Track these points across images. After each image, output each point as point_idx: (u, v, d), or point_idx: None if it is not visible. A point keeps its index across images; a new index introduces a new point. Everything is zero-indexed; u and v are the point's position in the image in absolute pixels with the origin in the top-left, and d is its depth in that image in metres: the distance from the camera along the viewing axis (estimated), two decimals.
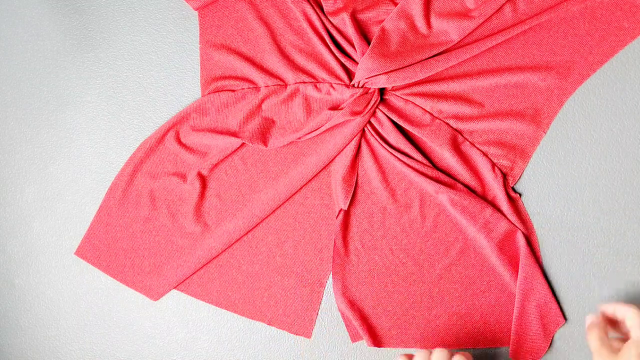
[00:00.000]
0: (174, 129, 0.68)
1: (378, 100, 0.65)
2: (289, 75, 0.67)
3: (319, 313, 0.66)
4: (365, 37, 0.67)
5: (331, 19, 0.66)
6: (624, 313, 0.54)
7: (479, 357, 0.64)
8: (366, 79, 0.64)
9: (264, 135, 0.67)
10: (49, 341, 0.70)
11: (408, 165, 0.64)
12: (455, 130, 0.65)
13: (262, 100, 0.67)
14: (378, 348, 0.65)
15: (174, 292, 0.68)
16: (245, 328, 0.68)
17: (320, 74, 0.67)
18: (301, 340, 0.67)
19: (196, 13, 0.70)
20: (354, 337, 0.65)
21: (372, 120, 0.65)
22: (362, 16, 0.67)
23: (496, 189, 0.63)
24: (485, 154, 0.64)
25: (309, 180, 0.66)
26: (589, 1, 0.64)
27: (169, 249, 0.67)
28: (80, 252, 0.69)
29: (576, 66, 0.64)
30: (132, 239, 0.68)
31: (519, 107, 0.64)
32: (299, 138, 0.66)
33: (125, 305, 0.69)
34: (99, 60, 0.71)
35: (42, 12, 0.72)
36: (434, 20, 0.65)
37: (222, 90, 0.68)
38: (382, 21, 0.66)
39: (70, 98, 0.71)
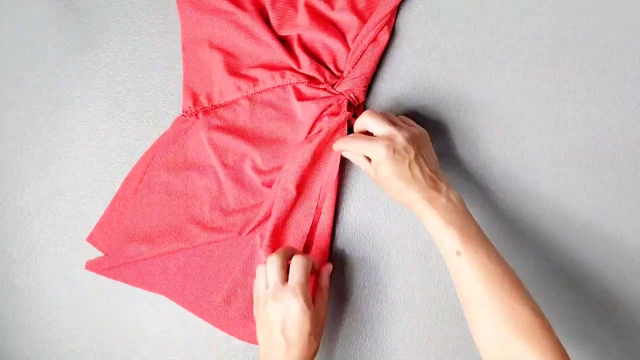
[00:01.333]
0: (194, 125, 0.68)
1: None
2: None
3: None
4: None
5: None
6: (373, 127, 0.58)
7: None
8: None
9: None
10: (49, 341, 0.70)
11: None
12: None
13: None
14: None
15: None
16: None
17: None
18: None
19: None
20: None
21: None
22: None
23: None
24: None
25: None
26: None
27: (179, 239, 0.67)
28: (92, 239, 0.69)
29: None
30: (146, 229, 0.68)
31: None
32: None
33: (125, 305, 0.69)
34: (99, 60, 0.71)
35: (42, 12, 0.72)
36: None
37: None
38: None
39: (70, 98, 0.71)
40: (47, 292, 0.70)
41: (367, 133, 0.61)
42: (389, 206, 0.66)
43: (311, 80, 0.66)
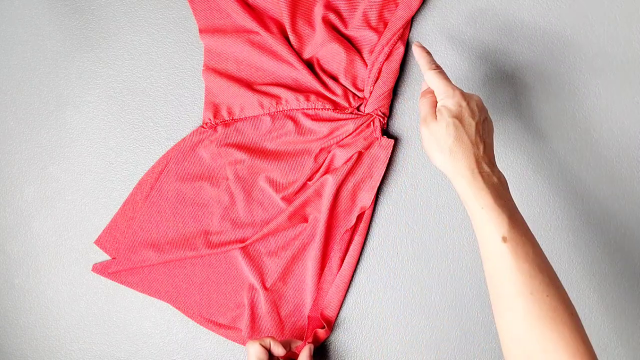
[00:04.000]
0: (211, 137, 0.68)
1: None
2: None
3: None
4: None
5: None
6: (429, 82, 0.54)
7: None
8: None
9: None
10: (49, 341, 0.70)
11: None
12: None
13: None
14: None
15: None
16: None
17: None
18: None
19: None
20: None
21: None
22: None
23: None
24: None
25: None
26: None
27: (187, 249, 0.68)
28: (100, 242, 0.69)
29: None
30: (154, 236, 0.68)
31: None
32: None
33: (125, 305, 0.69)
34: (99, 60, 0.71)
35: (42, 12, 0.72)
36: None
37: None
38: None
39: (70, 98, 0.71)
40: (47, 292, 0.70)
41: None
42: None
43: (336, 105, 0.66)
